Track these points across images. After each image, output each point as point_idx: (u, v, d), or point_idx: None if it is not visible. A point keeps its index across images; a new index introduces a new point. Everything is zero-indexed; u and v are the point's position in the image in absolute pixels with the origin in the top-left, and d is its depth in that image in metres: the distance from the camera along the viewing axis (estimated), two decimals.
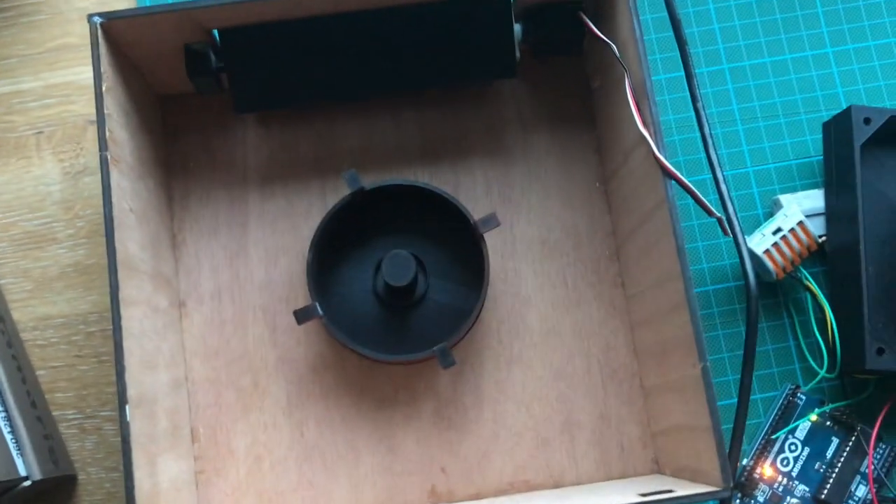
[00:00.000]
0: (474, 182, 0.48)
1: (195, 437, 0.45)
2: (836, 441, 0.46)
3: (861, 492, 0.45)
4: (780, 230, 0.45)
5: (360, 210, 0.45)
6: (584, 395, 0.46)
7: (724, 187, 0.40)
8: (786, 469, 0.45)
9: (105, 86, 0.39)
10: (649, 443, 0.45)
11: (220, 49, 0.44)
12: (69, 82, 0.50)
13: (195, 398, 0.46)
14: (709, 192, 0.47)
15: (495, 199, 0.48)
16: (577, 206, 0.48)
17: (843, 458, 0.45)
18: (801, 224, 0.45)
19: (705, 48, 0.50)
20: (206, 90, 0.45)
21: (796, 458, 0.46)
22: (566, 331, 0.46)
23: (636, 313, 0.45)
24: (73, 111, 0.50)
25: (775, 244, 0.45)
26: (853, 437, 0.45)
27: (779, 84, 0.50)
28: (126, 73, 0.43)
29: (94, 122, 0.49)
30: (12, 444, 0.41)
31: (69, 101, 0.50)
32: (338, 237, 0.46)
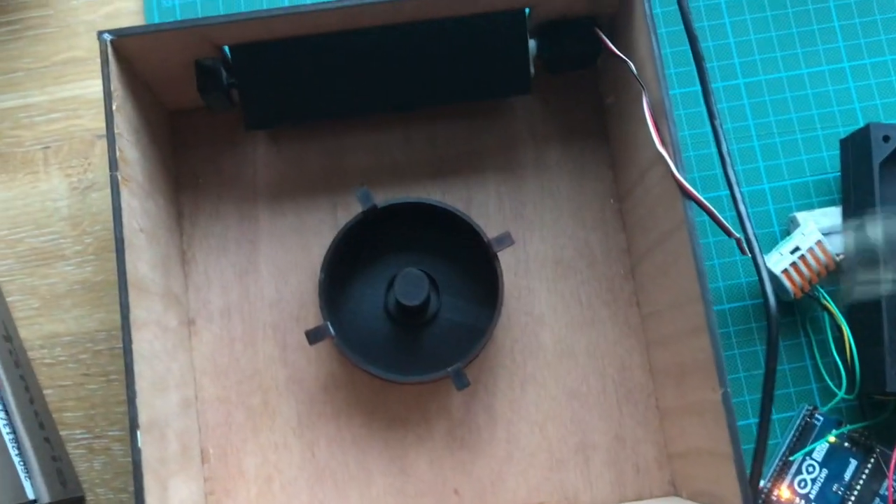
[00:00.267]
0: (487, 198, 0.48)
1: (205, 458, 0.45)
2: (854, 463, 0.45)
3: None
4: (797, 249, 0.45)
5: (371, 227, 0.45)
6: (598, 416, 0.45)
7: (742, 207, 0.39)
8: (803, 491, 0.45)
9: (115, 104, 0.39)
10: (665, 464, 0.44)
11: (231, 65, 0.43)
12: (76, 96, 0.50)
13: (204, 418, 0.45)
14: (724, 209, 0.46)
15: (508, 215, 0.47)
16: (590, 224, 0.47)
17: (861, 481, 0.44)
18: (819, 243, 0.45)
19: (720, 62, 0.50)
20: (216, 106, 0.44)
21: (814, 480, 0.45)
22: (580, 350, 0.46)
23: (652, 333, 0.45)
24: (81, 125, 0.49)
25: (793, 263, 0.44)
26: (872, 459, 0.45)
27: (795, 99, 0.49)
28: (135, 89, 0.42)
29: (102, 136, 0.49)
30: (20, 467, 0.41)
31: (76, 115, 0.49)
32: (349, 254, 0.45)
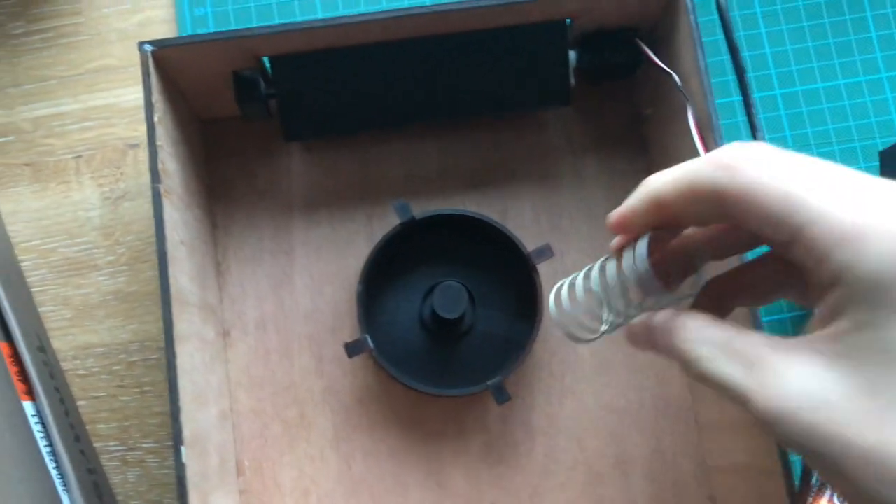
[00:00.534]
0: (522, 209, 0.47)
1: (240, 471, 0.44)
2: None
3: None
4: None
5: (407, 238, 0.44)
6: (637, 430, 0.45)
7: None
8: None
9: (157, 116, 0.39)
10: (704, 480, 0.44)
11: (270, 76, 0.43)
12: (109, 105, 0.49)
13: (240, 430, 0.45)
14: None
15: (544, 226, 0.47)
16: None
17: None
18: None
19: (757, 73, 0.49)
20: (254, 116, 0.44)
21: None
22: (618, 363, 0.45)
23: None
24: (113, 134, 0.49)
25: None
26: None
27: (832, 110, 0.49)
28: (174, 100, 0.42)
29: (134, 145, 0.49)
30: (58, 481, 0.40)
31: (109, 123, 0.49)
32: (385, 265, 0.45)
